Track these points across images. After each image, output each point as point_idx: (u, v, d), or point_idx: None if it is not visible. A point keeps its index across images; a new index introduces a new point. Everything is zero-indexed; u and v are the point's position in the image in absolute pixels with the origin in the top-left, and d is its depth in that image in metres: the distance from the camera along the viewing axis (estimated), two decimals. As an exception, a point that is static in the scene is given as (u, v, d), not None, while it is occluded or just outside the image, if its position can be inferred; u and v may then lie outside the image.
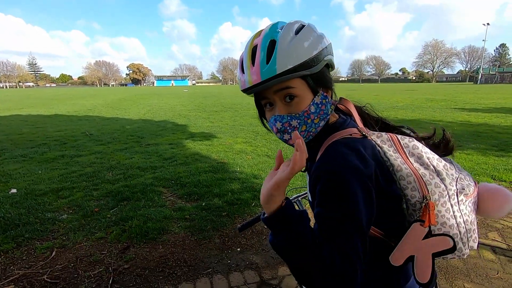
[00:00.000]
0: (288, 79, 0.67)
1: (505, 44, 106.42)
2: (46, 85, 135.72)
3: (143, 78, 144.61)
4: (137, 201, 3.39)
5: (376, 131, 0.76)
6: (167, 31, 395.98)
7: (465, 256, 0.71)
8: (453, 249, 0.66)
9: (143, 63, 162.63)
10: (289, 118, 0.70)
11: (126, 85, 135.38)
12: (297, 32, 0.69)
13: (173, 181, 4.00)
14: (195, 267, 2.27)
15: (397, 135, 0.74)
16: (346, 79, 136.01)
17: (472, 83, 67.82)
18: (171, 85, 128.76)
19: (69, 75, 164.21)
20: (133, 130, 8.22)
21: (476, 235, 0.72)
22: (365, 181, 0.63)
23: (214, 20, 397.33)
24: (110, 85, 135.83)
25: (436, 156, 0.73)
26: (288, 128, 0.71)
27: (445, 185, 0.69)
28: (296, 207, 0.70)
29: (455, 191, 0.69)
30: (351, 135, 0.71)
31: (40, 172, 4.47)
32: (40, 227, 2.81)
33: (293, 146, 0.69)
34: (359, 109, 0.84)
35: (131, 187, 3.76)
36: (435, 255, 0.67)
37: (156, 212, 3.07)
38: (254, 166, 4.64)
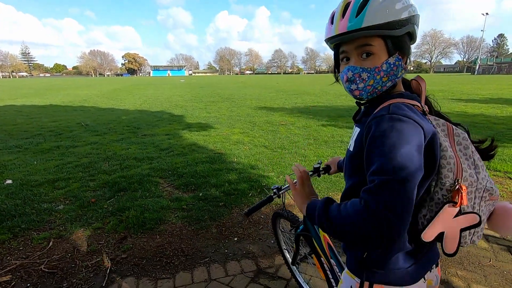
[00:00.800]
0: (370, 35, 0.75)
1: (504, 35, 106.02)
2: (40, 75, 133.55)
3: (139, 68, 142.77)
4: (134, 191, 3.39)
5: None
6: (162, 20, 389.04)
7: (465, 246, 0.77)
8: (479, 224, 0.73)
9: (138, 53, 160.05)
10: (361, 70, 0.78)
11: (121, 75, 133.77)
12: None
13: (170, 172, 3.99)
14: (192, 257, 2.29)
15: (452, 124, 0.80)
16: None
17: (470, 73, 67.78)
18: (167, 75, 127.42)
19: (63, 65, 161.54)
20: (129, 121, 8.15)
21: (481, 233, 0.77)
22: (420, 134, 0.69)
23: (210, 8, 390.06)
24: (106, 75, 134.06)
25: (478, 155, 0.78)
26: (357, 79, 0.79)
27: (477, 178, 0.74)
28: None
29: (484, 187, 0.74)
30: (413, 106, 0.77)
31: (35, 163, 4.44)
32: (36, 218, 2.80)
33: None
34: (427, 98, 0.88)
35: (128, 178, 3.75)
36: (463, 229, 0.74)
37: (153, 203, 3.07)
38: (251, 157, 4.64)
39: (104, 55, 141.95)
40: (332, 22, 0.80)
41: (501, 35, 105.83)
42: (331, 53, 0.88)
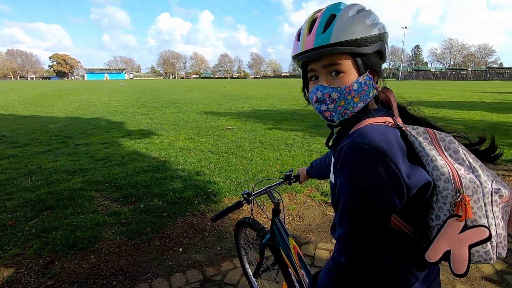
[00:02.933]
0: (338, 52, 0.70)
1: (419, 46, 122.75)
2: None
3: (71, 71, 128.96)
4: (63, 208, 3.03)
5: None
6: (96, 19, 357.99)
7: (491, 261, 0.67)
8: (489, 238, 0.64)
9: (69, 54, 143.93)
10: (331, 89, 0.72)
11: (49, 78, 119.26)
12: (358, 12, 0.72)
13: (107, 184, 3.68)
14: (132, 274, 2.13)
15: (433, 130, 0.72)
16: (288, 74, 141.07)
17: (395, 79, 76.80)
18: (105, 79, 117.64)
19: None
20: (58, 130, 7.30)
21: (506, 242, 0.68)
22: (386, 161, 0.62)
23: (150, 9, 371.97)
24: (29, 78, 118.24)
25: (473, 155, 0.70)
26: (327, 99, 0.73)
27: (480, 182, 0.64)
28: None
29: (490, 190, 0.65)
30: (384, 122, 0.71)
31: None
32: None
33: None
34: (400, 106, 0.82)
35: (56, 194, 3.35)
36: (471, 246, 0.65)
37: (86, 219, 2.79)
38: (197, 163, 4.54)
39: (26, 56, 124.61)
40: (298, 39, 0.75)
41: (417, 46, 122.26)
42: (275, 58, 0.89)
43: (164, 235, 2.60)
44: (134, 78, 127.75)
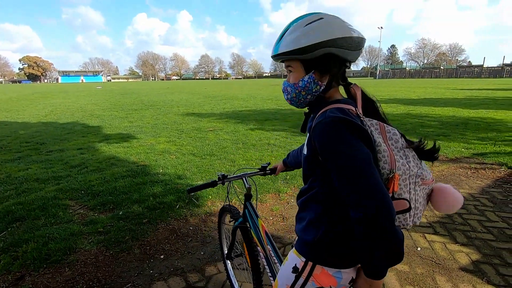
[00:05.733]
0: (287, 59, 0.92)
1: (395, 45, 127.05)
2: None
3: (43, 74, 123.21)
4: (34, 219, 2.86)
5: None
6: (68, 19, 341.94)
7: (408, 227, 0.90)
8: (409, 209, 0.87)
9: (41, 56, 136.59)
10: (287, 84, 0.97)
11: (20, 81, 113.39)
12: (308, 24, 0.86)
13: (82, 191, 3.51)
14: (111, 285, 2.03)
15: (384, 123, 0.92)
16: (269, 74, 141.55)
17: (373, 78, 79.05)
18: (80, 81, 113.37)
19: None
20: (30, 136, 6.92)
21: (420, 214, 0.91)
22: (356, 127, 0.81)
23: (125, 9, 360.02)
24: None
25: (406, 145, 0.91)
26: (286, 91, 0.98)
27: (409, 166, 0.87)
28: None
29: (415, 174, 0.87)
30: (348, 109, 0.88)
31: None
32: None
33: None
34: (368, 101, 0.97)
35: (27, 204, 3.16)
36: (396, 213, 0.85)
37: (60, 230, 2.64)
38: (179, 166, 4.43)
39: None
40: None
41: (393, 46, 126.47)
42: (257, 58, 1.07)
43: (145, 243, 2.51)
44: (112, 80, 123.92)
